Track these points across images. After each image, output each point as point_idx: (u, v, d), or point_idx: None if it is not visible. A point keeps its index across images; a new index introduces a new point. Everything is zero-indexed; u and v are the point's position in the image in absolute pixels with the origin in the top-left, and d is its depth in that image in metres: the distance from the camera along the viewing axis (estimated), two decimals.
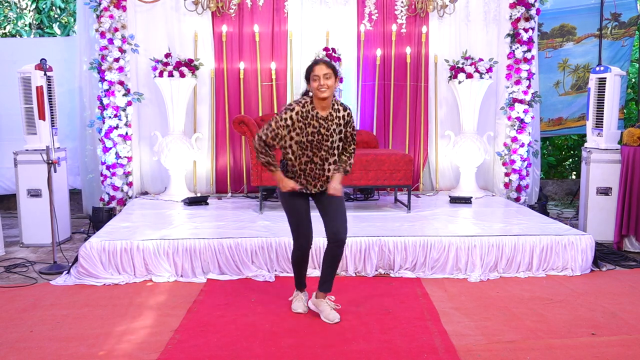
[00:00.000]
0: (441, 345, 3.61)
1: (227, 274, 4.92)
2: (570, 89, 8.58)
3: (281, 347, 3.58)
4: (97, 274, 4.82)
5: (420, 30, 7.40)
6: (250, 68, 7.30)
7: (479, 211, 6.38)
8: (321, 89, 3.75)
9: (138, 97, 6.90)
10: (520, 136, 7.16)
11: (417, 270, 5.02)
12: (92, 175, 7.32)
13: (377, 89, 7.45)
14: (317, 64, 3.81)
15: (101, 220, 6.22)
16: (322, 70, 3.75)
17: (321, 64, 3.79)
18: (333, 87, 3.79)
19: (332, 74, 3.78)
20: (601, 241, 5.93)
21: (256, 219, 5.81)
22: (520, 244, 5.07)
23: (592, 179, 6.21)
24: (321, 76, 3.74)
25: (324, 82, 3.75)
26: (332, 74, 3.78)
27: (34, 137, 6.09)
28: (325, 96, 3.77)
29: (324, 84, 3.75)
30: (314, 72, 3.77)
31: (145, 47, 7.02)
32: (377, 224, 5.61)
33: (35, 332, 3.81)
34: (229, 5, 7.13)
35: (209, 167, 7.43)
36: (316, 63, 3.82)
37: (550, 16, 8.28)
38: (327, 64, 3.80)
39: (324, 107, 3.84)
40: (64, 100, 7.21)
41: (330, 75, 3.77)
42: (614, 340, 3.73)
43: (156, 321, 3.99)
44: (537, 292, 4.60)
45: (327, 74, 3.76)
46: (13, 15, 9.58)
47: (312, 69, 3.79)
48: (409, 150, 7.52)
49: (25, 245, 6.05)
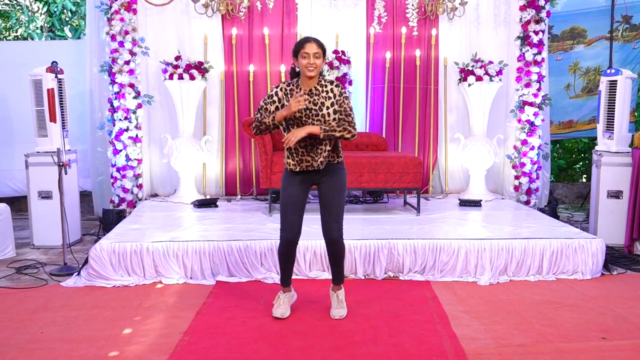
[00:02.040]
0: (450, 348, 3.59)
1: (236, 276, 4.93)
2: (580, 91, 8.54)
3: (290, 349, 3.58)
4: (107, 275, 4.84)
5: (430, 33, 7.39)
6: (259, 70, 7.32)
7: (489, 214, 6.35)
8: (309, 67, 3.75)
9: (148, 99, 6.94)
10: (531, 139, 7.13)
11: (426, 273, 5.01)
12: (103, 177, 7.35)
13: (386, 92, 7.44)
14: (308, 41, 3.78)
15: (111, 222, 6.25)
16: (312, 49, 3.74)
17: (312, 42, 3.77)
18: (320, 66, 3.79)
19: (321, 53, 3.78)
20: (612, 245, 5.89)
21: (265, 222, 5.81)
22: (530, 247, 5.05)
23: (602, 182, 6.17)
24: (311, 54, 3.74)
25: (313, 61, 3.74)
26: (321, 53, 3.78)
27: (45, 140, 6.13)
28: (313, 75, 3.78)
29: (313, 63, 3.74)
30: (304, 49, 3.76)
31: (155, 49, 7.06)
32: (386, 226, 5.61)
33: (46, 333, 3.83)
34: (238, 8, 7.15)
35: (218, 169, 7.45)
36: (307, 40, 3.79)
37: (561, 19, 8.25)
38: (318, 43, 3.79)
39: (308, 84, 3.84)
40: (74, 102, 7.24)
41: (320, 55, 3.77)
42: (624, 345, 3.71)
43: (165, 323, 4.01)
44: (547, 296, 4.58)
45: (317, 53, 3.75)
46: (25, 19, 9.65)
47: (303, 46, 3.77)
48: (419, 153, 7.50)
49: (36, 246, 6.09)
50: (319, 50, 3.77)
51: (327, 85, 3.87)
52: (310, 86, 3.85)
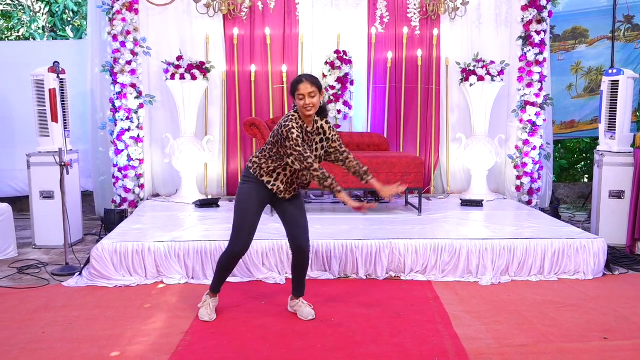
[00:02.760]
0: (452, 349, 3.59)
1: (238, 276, 4.93)
2: (582, 91, 8.53)
3: (291, 349, 3.58)
4: (109, 275, 4.84)
5: (431, 33, 7.39)
6: (261, 70, 7.32)
7: (491, 214, 6.35)
8: (307, 107, 3.73)
9: (150, 99, 6.94)
10: (532, 139, 7.12)
11: (428, 274, 5.01)
12: (104, 177, 7.36)
13: (388, 92, 7.45)
14: (301, 82, 3.74)
15: (113, 222, 6.26)
16: (307, 89, 3.71)
17: (306, 83, 3.72)
18: (318, 103, 3.77)
19: (317, 91, 3.74)
20: (613, 245, 5.89)
21: (267, 222, 5.80)
22: (532, 248, 5.04)
23: (604, 182, 6.17)
24: (306, 95, 3.71)
25: (309, 102, 3.71)
26: (317, 91, 3.74)
27: (46, 140, 6.14)
28: (311, 114, 3.77)
29: (309, 103, 3.72)
30: (298, 91, 3.72)
31: (157, 49, 7.06)
32: (387, 226, 5.60)
33: (47, 333, 3.84)
34: (240, 8, 7.15)
35: (220, 169, 7.45)
36: (300, 81, 3.75)
37: (563, 18, 8.24)
38: (312, 82, 3.74)
39: (310, 121, 3.85)
40: (76, 102, 7.25)
41: (316, 93, 3.73)
42: (626, 345, 3.70)
43: (167, 323, 4.01)
44: (549, 296, 4.57)
45: (312, 93, 3.71)
46: (27, 19, 9.67)
47: (297, 88, 3.73)
48: (420, 153, 7.50)
49: (37, 246, 6.10)
50: (314, 89, 3.72)
51: (317, 121, 3.88)
52: (310, 122, 3.83)
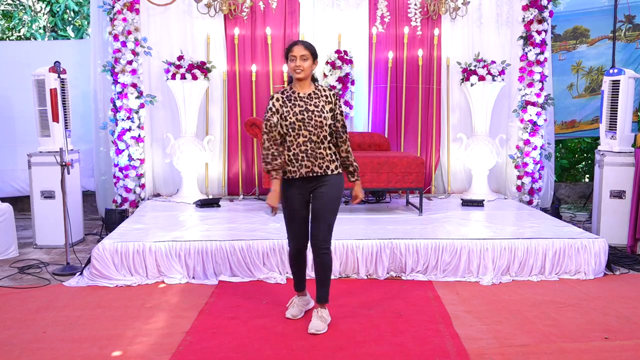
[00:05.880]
0: (453, 348, 3.59)
1: (239, 276, 4.93)
2: (583, 91, 8.53)
3: (292, 349, 3.58)
4: (110, 275, 4.84)
5: (432, 33, 7.39)
6: (262, 70, 7.32)
7: (491, 214, 6.35)
8: (297, 69, 3.76)
9: (151, 99, 6.94)
10: (533, 139, 7.12)
11: (428, 273, 5.01)
12: (105, 177, 7.36)
13: (389, 92, 7.44)
14: (295, 44, 3.79)
15: (114, 222, 6.26)
16: (299, 52, 3.75)
17: (299, 45, 3.78)
18: (310, 69, 3.79)
19: (309, 55, 3.77)
20: (614, 245, 5.89)
21: (268, 221, 5.81)
22: (533, 247, 5.04)
23: (605, 182, 6.17)
24: (298, 57, 3.74)
25: (300, 64, 3.74)
26: (309, 55, 3.77)
27: (47, 140, 6.14)
28: (301, 77, 3.78)
29: (300, 65, 3.74)
30: (291, 53, 3.77)
31: (158, 49, 7.07)
32: (388, 226, 5.60)
33: (48, 333, 3.84)
34: (241, 8, 7.15)
35: (220, 169, 7.45)
36: (295, 44, 3.80)
37: (564, 18, 8.24)
38: (306, 46, 3.78)
39: (302, 87, 3.83)
40: (77, 102, 7.26)
41: (308, 57, 3.76)
42: (627, 345, 3.70)
43: (168, 323, 4.01)
44: (550, 296, 4.57)
45: (304, 56, 3.75)
46: (27, 19, 9.67)
47: (291, 49, 3.78)
48: (421, 153, 7.50)
49: (38, 246, 6.10)
50: (306, 52, 3.76)
51: (325, 90, 3.87)
52: (305, 89, 3.84)
